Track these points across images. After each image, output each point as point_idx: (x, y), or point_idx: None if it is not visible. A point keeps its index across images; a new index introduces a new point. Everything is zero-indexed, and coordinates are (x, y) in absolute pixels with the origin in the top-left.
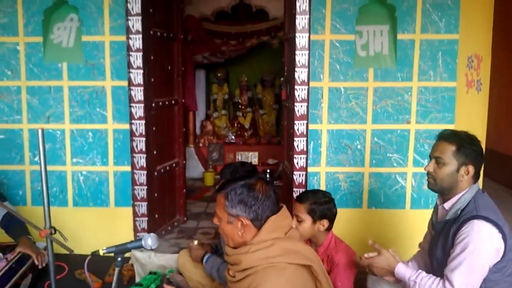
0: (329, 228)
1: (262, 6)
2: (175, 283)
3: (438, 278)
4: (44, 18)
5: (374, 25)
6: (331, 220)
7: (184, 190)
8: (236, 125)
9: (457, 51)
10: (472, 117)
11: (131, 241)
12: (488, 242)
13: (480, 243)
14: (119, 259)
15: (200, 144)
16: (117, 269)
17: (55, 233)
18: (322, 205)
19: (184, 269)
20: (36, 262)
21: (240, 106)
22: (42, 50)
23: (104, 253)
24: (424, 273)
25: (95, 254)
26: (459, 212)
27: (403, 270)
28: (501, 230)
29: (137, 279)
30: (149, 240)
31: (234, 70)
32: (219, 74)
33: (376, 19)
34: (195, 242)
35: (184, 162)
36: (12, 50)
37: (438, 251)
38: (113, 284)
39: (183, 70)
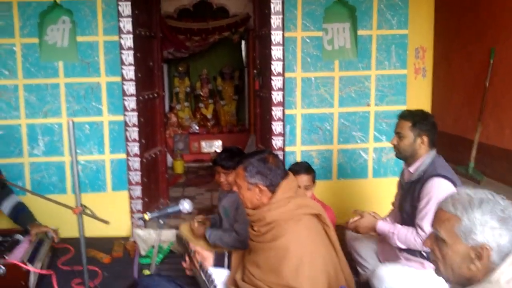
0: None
1: (222, 3)
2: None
3: (412, 228)
4: (40, 21)
5: (338, 23)
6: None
7: (167, 176)
8: (198, 116)
9: (407, 44)
10: (420, 99)
11: (171, 206)
12: (446, 194)
13: (440, 195)
14: (162, 222)
15: (166, 135)
16: (159, 230)
17: (86, 209)
18: (314, 173)
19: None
20: (54, 235)
21: (201, 98)
22: (38, 51)
23: (149, 218)
24: (399, 226)
25: (142, 219)
26: (422, 173)
27: (383, 226)
28: (455, 184)
29: (143, 253)
30: (185, 204)
31: (194, 64)
32: (180, 68)
33: (339, 18)
34: (196, 224)
35: (165, 150)
36: (9, 51)
37: (407, 205)
38: (155, 242)
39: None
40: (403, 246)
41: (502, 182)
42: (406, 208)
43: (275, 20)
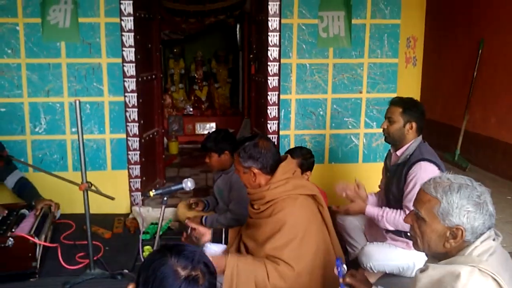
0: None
1: None
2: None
3: (399, 210)
4: (42, 1)
5: (333, 11)
6: (311, 170)
7: (163, 156)
8: (193, 98)
9: (399, 33)
10: (410, 87)
11: (174, 184)
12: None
13: (426, 178)
14: (165, 198)
15: None
16: (163, 207)
17: (91, 186)
18: (308, 160)
19: (183, 218)
20: (53, 209)
21: (196, 80)
22: (40, 30)
23: (153, 195)
24: (387, 209)
25: (146, 195)
26: (408, 157)
27: (371, 210)
28: (440, 168)
29: (142, 229)
30: (189, 183)
31: (189, 46)
32: (175, 50)
33: (335, 6)
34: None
35: (162, 130)
36: (12, 30)
37: (393, 188)
38: (160, 219)
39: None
40: (391, 228)
41: (486, 169)
42: (393, 190)
43: (272, 7)
